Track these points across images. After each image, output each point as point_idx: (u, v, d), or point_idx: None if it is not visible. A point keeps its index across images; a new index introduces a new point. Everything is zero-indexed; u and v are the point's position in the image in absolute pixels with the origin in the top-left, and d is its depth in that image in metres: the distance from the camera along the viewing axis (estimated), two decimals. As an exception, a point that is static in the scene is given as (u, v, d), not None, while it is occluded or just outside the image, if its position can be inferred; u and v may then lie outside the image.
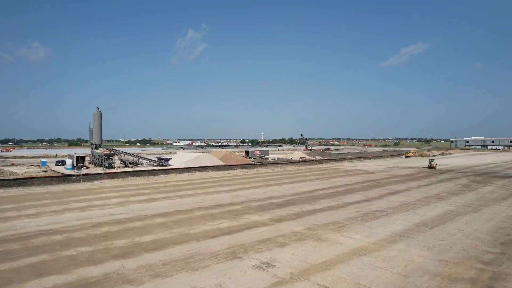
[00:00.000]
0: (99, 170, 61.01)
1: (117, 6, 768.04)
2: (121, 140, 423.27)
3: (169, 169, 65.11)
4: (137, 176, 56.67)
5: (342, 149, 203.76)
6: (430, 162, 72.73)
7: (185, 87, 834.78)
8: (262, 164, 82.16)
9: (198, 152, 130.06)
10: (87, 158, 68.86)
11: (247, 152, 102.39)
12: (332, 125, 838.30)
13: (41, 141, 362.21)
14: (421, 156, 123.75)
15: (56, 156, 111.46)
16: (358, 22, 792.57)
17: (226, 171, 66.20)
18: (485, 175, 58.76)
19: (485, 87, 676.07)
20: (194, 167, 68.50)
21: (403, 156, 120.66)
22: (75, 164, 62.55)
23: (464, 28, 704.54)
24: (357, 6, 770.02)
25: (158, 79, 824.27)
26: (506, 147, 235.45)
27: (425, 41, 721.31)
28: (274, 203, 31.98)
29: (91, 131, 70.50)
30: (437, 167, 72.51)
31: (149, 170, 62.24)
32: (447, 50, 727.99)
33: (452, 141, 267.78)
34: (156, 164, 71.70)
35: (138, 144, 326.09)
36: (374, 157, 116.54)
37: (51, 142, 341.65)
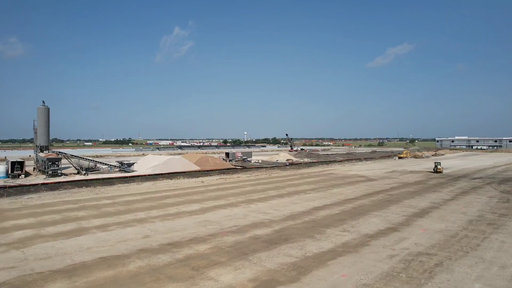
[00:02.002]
0: (42, 178, 48.82)
1: (100, 2, 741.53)
2: (100, 140, 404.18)
3: (131, 176, 53.43)
4: (86, 186, 44.85)
5: (329, 149, 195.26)
6: (436, 166, 63.67)
7: (170, 86, 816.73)
8: (244, 168, 71.33)
9: (175, 154, 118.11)
10: (32, 163, 56.41)
11: (227, 154, 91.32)
12: (316, 125, 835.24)
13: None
14: (415, 157, 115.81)
15: None
16: (344, 22, 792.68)
17: (200, 178, 55.03)
18: (507, 182, 49.83)
19: (466, 87, 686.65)
20: (161, 174, 57.01)
21: (396, 158, 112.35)
22: (10, 172, 50.09)
23: (448, 30, 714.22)
24: (345, 5, 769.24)
25: (142, 77, 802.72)
26: (490, 147, 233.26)
27: (411, 42, 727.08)
28: (259, 239, 21.22)
29: (35, 131, 57.96)
30: (443, 171, 63.51)
31: (105, 179, 50.44)
32: (431, 51, 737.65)
33: (438, 141, 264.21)
34: (117, 169, 59.88)
35: (114, 144, 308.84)
36: (366, 159, 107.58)
37: (4, 142, 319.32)
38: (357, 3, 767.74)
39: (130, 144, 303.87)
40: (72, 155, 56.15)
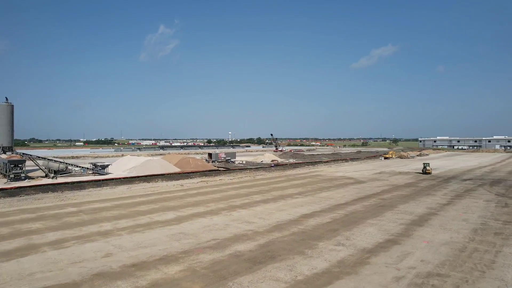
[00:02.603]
0: (1, 183, 44.30)
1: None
2: (81, 139, 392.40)
3: (104, 179, 49.39)
4: (52, 191, 40.72)
5: (314, 149, 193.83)
6: (425, 167, 62.00)
7: (155, 85, 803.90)
8: (227, 170, 68.03)
9: (156, 155, 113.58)
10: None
11: (210, 155, 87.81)
12: (300, 125, 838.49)
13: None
14: (400, 157, 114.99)
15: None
16: (330, 22, 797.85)
17: (179, 181, 51.47)
18: (499, 184, 48.31)
19: (446, 89, 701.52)
20: (138, 177, 53.15)
21: (382, 158, 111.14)
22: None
23: (429, 32, 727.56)
24: (331, 5, 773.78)
25: (126, 76, 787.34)
26: (471, 147, 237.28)
27: (395, 44, 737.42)
28: (241, 256, 18.10)
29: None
30: (432, 172, 61.82)
31: (75, 182, 46.29)
32: (414, 53, 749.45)
33: (420, 141, 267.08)
34: (91, 172, 55.66)
35: (94, 144, 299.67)
36: (352, 159, 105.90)
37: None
38: (344, 4, 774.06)
39: (116, 144, 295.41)
40: (38, 157, 51.65)
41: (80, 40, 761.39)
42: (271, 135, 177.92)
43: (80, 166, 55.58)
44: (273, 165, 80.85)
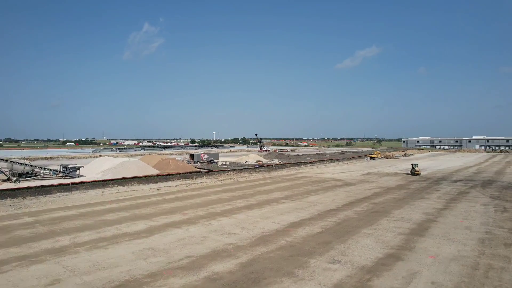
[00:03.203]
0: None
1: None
2: (60, 140, 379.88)
3: (74, 183, 45.36)
4: (11, 198, 36.65)
5: (299, 149, 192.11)
6: (413, 168, 60.29)
7: (138, 84, 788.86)
8: (209, 171, 64.69)
9: (136, 155, 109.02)
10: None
11: (191, 156, 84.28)
12: (285, 125, 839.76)
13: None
14: (386, 158, 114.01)
15: None
16: (316, 23, 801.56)
17: (157, 185, 47.92)
18: (490, 185, 46.78)
19: (427, 90, 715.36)
20: (112, 180, 49.30)
21: (368, 158, 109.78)
22: None
23: (411, 35, 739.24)
24: (317, 6, 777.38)
25: (109, 74, 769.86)
26: (452, 147, 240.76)
27: (379, 45, 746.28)
28: (218, 281, 15.02)
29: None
30: (416, 173, 60.05)
31: (40, 187, 42.19)
32: (397, 55, 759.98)
33: (404, 141, 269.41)
34: (61, 175, 51.43)
35: (71, 144, 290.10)
36: (338, 160, 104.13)
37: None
38: (330, 4, 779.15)
39: (102, 144, 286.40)
40: (1, 159, 47.11)
41: (61, 37, 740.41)
42: (256, 135, 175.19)
43: (48, 169, 51.24)
44: (257, 166, 77.99)
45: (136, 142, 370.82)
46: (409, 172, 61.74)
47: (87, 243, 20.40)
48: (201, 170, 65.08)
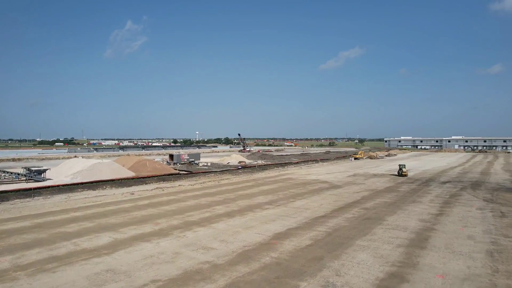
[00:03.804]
0: None
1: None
2: (37, 139, 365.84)
3: (37, 188, 41.26)
4: (-37, 205, 32.46)
5: (283, 150, 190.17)
6: (401, 169, 58.67)
7: (120, 82, 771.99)
8: (189, 173, 61.32)
9: (113, 156, 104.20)
10: None
11: (171, 156, 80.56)
12: (269, 125, 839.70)
13: None
14: (370, 158, 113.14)
15: None
16: (300, 24, 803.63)
17: (131, 188, 44.32)
18: (479, 187, 45.37)
19: (408, 91, 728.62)
20: (82, 183, 45.38)
21: (352, 159, 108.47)
22: None
23: (394, 37, 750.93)
24: (301, 6, 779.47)
25: (90, 72, 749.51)
26: (433, 147, 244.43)
27: (362, 46, 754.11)
28: (188, 317, 12.06)
29: None
30: (403, 174, 58.40)
31: (-2, 192, 37.97)
32: (380, 56, 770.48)
33: (386, 141, 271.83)
34: (24, 178, 47.09)
35: (47, 145, 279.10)
36: (322, 160, 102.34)
37: None
38: (314, 5, 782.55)
39: (85, 144, 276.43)
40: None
41: (39, 34, 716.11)
42: (239, 135, 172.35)
43: (9, 172, 46.81)
44: (240, 167, 75.02)
45: (116, 142, 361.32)
46: (396, 173, 60.12)
47: (32, 265, 16.99)
48: (181, 172, 61.63)
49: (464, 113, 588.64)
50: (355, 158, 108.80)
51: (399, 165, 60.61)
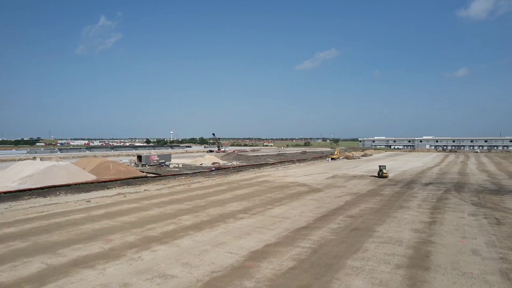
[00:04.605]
0: None
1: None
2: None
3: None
4: None
5: (258, 150, 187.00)
6: (381, 170, 56.49)
7: (92, 80, 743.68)
8: (157, 176, 56.55)
9: (78, 157, 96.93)
10: None
11: (139, 158, 75.19)
12: (244, 125, 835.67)
13: None
14: (347, 158, 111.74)
15: None
16: (278, 24, 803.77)
17: (89, 195, 39.32)
18: (463, 189, 43.57)
19: (381, 92, 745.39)
20: (31, 189, 39.90)
21: (329, 159, 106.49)
22: None
23: (368, 40, 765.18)
24: (278, 7, 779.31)
25: (59, 69, 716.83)
26: (406, 147, 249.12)
27: (338, 48, 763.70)
28: None
29: None
30: (384, 175, 56.25)
31: None
32: (354, 58, 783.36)
33: (360, 141, 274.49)
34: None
35: (5, 145, 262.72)
36: (299, 161, 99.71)
37: None
38: (292, 6, 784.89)
39: (52, 144, 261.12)
40: None
41: (4, 26, 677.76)
42: (213, 134, 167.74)
43: None
44: (213, 168, 70.83)
45: (86, 142, 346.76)
46: (376, 175, 57.97)
47: None
48: (148, 175, 56.75)
49: (433, 114, 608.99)
50: (332, 159, 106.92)
51: (379, 166, 58.46)
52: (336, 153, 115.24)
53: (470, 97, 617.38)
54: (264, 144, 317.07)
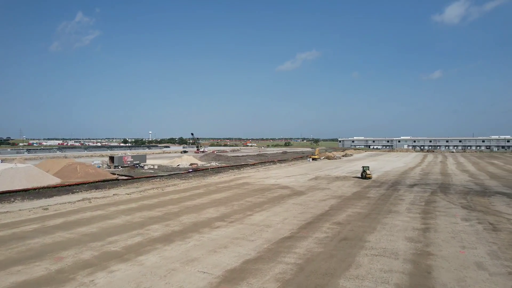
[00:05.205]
0: None
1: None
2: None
3: None
4: None
5: (239, 150, 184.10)
6: (364, 171, 54.83)
7: (69, 78, 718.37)
8: (129, 178, 52.78)
9: (47, 157, 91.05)
10: None
11: (111, 159, 70.90)
12: (224, 125, 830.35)
13: None
14: (328, 158, 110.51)
15: None
16: (260, 25, 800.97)
17: (50, 200, 35.43)
18: (449, 190, 42.25)
19: (360, 93, 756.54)
20: (-19, 195, 35.57)
21: (310, 159, 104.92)
22: None
23: (347, 42, 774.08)
24: (260, 8, 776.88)
25: (32, 66, 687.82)
26: (385, 147, 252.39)
27: (319, 49, 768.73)
28: None
29: None
30: (368, 176, 54.57)
31: None
32: (334, 59, 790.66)
33: (340, 141, 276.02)
34: None
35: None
36: (280, 161, 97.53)
37: None
38: (273, 7, 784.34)
39: (33, 144, 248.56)
40: None
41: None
42: (192, 134, 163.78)
43: None
44: (191, 170, 67.45)
45: (60, 142, 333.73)
46: (360, 176, 56.31)
47: None
48: (119, 178, 52.89)
49: (410, 115, 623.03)
50: (313, 159, 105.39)
51: (363, 167, 56.78)
52: (316, 152, 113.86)
53: (444, 98, 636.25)
54: (248, 144, 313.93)
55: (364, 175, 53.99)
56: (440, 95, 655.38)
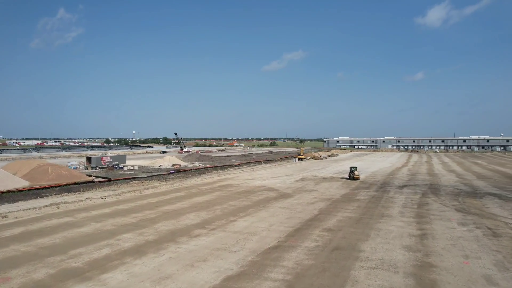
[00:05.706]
0: None
1: None
2: None
3: None
4: None
5: (224, 150, 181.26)
6: (352, 171, 53.25)
7: (50, 76, 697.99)
8: (106, 180, 49.68)
9: (20, 158, 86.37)
10: None
11: (88, 159, 67.37)
12: (209, 125, 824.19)
13: None
14: (314, 158, 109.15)
15: None
16: (246, 25, 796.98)
17: (14, 205, 32.26)
18: (439, 192, 40.99)
19: (345, 93, 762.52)
20: None
21: (295, 159, 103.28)
22: None
23: (333, 43, 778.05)
24: (246, 8, 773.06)
25: (11, 64, 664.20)
26: (369, 147, 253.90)
27: (305, 50, 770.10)
28: None
29: None
30: (356, 177, 53.01)
31: None
32: (320, 59, 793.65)
33: (325, 141, 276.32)
34: None
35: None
36: (266, 162, 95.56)
37: None
38: (259, 8, 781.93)
39: (11, 144, 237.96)
40: None
41: None
42: (175, 134, 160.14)
43: None
44: (172, 171, 64.61)
45: (40, 141, 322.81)
46: (347, 176, 54.75)
47: None
48: (95, 179, 49.72)
49: (393, 115, 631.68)
50: (299, 159, 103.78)
51: (351, 167, 55.22)
52: (302, 152, 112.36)
53: (426, 99, 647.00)
54: (235, 144, 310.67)
55: (352, 176, 52.43)
56: (422, 96, 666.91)
